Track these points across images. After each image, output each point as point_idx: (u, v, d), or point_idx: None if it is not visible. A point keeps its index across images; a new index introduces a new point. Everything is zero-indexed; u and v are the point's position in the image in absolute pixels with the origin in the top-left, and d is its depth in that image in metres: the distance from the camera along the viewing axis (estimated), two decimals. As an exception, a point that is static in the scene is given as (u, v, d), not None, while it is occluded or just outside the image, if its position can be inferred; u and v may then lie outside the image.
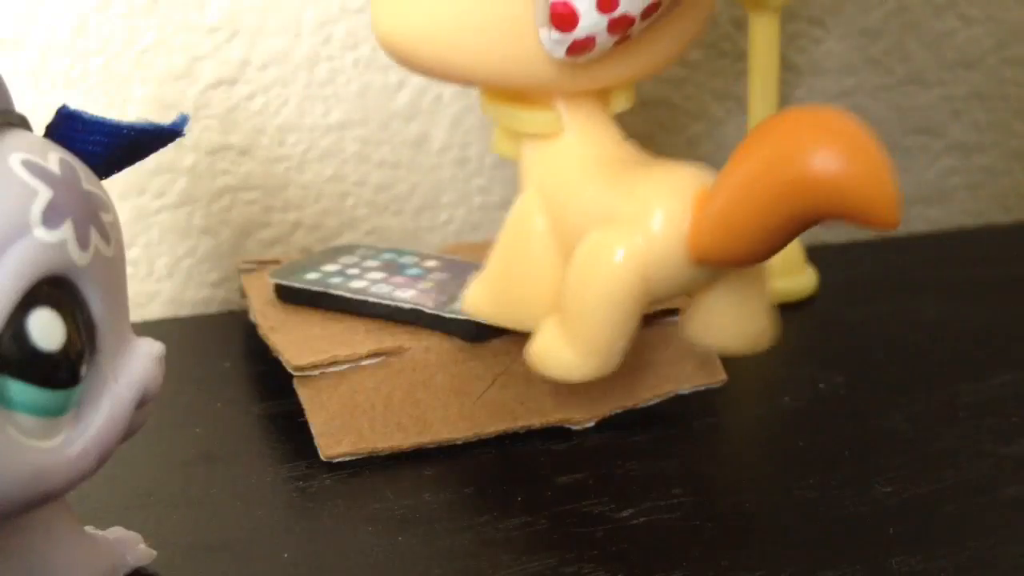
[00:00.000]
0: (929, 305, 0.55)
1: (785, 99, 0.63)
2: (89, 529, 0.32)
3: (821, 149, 0.30)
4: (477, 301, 0.40)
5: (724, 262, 0.35)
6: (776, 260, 0.55)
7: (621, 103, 0.39)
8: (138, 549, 0.34)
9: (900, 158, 0.67)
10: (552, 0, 0.33)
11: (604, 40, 0.34)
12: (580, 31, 0.34)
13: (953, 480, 0.38)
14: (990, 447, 0.40)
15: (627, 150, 0.38)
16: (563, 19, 0.33)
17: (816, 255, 0.60)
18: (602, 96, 0.38)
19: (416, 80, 0.56)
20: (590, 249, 0.35)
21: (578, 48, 0.34)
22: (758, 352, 0.39)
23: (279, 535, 0.36)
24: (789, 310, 0.55)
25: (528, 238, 0.38)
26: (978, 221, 0.70)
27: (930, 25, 0.65)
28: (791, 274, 0.56)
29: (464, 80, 0.39)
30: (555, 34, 0.34)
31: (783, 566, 0.33)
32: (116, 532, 0.34)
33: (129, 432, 0.29)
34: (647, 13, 0.34)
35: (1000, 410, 0.43)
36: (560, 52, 0.34)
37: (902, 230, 0.70)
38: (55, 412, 0.26)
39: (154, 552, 0.34)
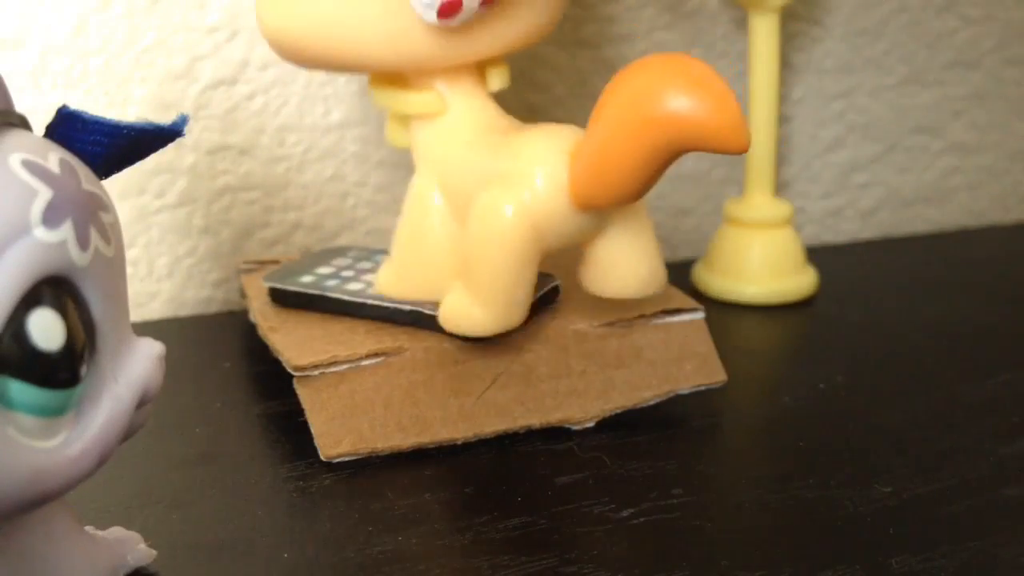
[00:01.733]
0: (929, 305, 0.55)
1: (785, 99, 0.63)
2: (89, 529, 0.32)
3: (671, 89, 0.34)
4: (387, 282, 0.43)
5: (603, 203, 0.38)
6: (776, 260, 0.56)
7: (497, 81, 0.42)
8: (138, 549, 0.34)
9: (900, 158, 0.67)
10: None
11: (471, 1, 0.37)
12: None
13: (953, 480, 0.38)
14: (990, 447, 0.40)
15: (507, 121, 0.42)
16: None
17: (816, 255, 0.60)
18: (479, 76, 0.42)
19: (416, 80, 0.56)
20: (482, 210, 0.38)
21: (448, 9, 0.37)
22: (653, 294, 0.41)
23: (279, 535, 0.36)
24: (789, 310, 0.55)
25: (426, 214, 0.42)
26: (978, 221, 0.70)
27: (930, 25, 0.65)
28: (791, 274, 0.56)
29: (351, 67, 0.41)
30: None
31: (783, 566, 0.33)
32: (116, 532, 0.34)
33: (129, 432, 0.29)
34: None
35: (1000, 410, 0.43)
36: (431, 15, 0.37)
37: (902, 230, 0.70)
38: (55, 412, 0.26)
39: (154, 552, 0.34)
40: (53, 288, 0.26)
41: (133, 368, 0.28)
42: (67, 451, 0.26)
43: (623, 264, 0.40)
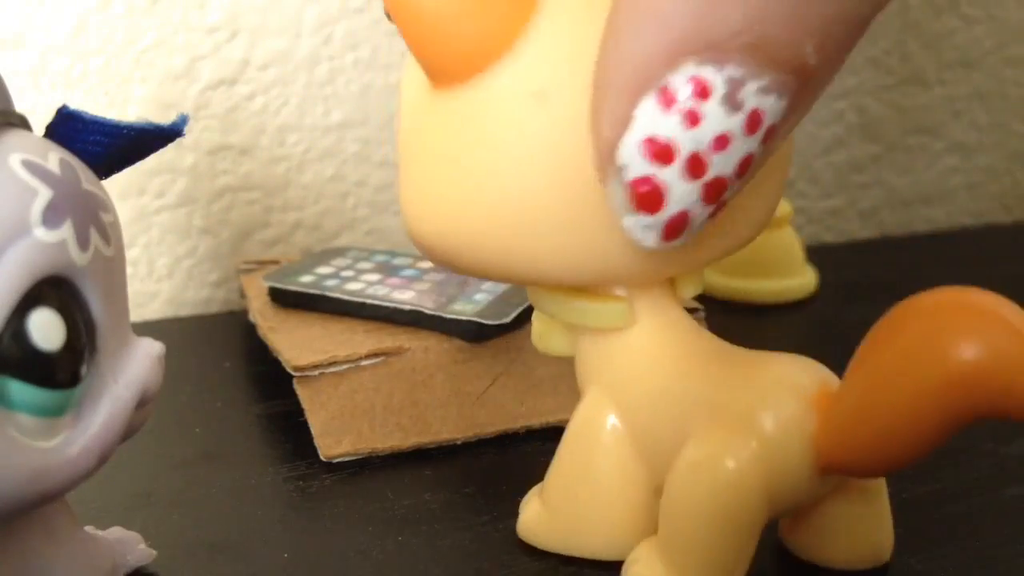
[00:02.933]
0: (929, 305, 0.55)
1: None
2: (89, 529, 0.32)
3: (971, 335, 0.26)
4: (533, 527, 0.34)
5: (857, 471, 0.30)
6: (776, 260, 0.56)
7: (691, 288, 0.33)
8: (138, 549, 0.34)
9: (900, 158, 0.67)
10: (629, 180, 0.26)
11: (699, 213, 0.27)
12: (670, 207, 0.26)
13: (953, 480, 0.38)
14: (990, 447, 0.40)
15: (707, 339, 0.32)
16: (647, 199, 0.26)
17: (816, 255, 0.60)
18: (668, 281, 0.33)
19: (416, 80, 0.56)
20: (693, 463, 0.29)
21: (673, 230, 0.27)
22: (877, 567, 0.33)
23: (279, 535, 0.36)
24: (789, 310, 0.55)
25: (597, 452, 0.32)
26: (978, 221, 0.70)
27: (930, 25, 0.65)
28: (791, 274, 0.56)
29: (526, 281, 0.32)
30: (642, 218, 0.27)
31: (783, 566, 0.33)
32: (116, 532, 0.34)
33: (129, 432, 0.29)
34: (742, 170, 0.27)
35: (1000, 410, 0.43)
36: (652, 240, 0.27)
37: (902, 230, 0.70)
38: (55, 412, 0.26)
39: (154, 552, 0.34)
40: (53, 288, 0.26)
41: (133, 368, 0.28)
42: (67, 451, 0.26)
43: (850, 531, 0.32)
